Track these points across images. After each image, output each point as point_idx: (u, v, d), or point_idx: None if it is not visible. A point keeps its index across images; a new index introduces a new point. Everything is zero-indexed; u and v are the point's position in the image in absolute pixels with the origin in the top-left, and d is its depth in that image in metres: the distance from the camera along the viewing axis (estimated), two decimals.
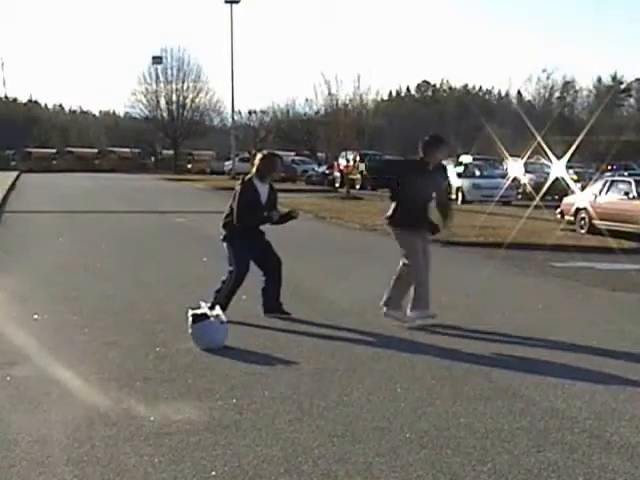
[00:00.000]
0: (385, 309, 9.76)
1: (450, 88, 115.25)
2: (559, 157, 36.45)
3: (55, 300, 10.87)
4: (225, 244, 9.85)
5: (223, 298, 9.53)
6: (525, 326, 9.83)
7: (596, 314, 10.94)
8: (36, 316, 9.70)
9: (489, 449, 5.59)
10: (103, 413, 6.23)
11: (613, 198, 22.13)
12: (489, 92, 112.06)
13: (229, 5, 59.36)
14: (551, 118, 60.66)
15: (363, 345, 8.65)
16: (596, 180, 26.12)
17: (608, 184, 22.89)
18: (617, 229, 20.85)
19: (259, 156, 10.06)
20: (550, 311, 10.96)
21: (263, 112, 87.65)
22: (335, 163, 47.48)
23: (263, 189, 9.83)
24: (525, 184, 38.05)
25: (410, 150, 49.52)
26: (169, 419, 6.11)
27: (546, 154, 38.09)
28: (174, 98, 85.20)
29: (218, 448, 5.52)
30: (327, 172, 51.57)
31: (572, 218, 22.95)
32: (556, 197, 30.46)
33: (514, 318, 10.37)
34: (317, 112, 59.51)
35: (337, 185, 47.04)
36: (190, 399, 6.64)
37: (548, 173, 36.92)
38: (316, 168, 57.76)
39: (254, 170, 9.87)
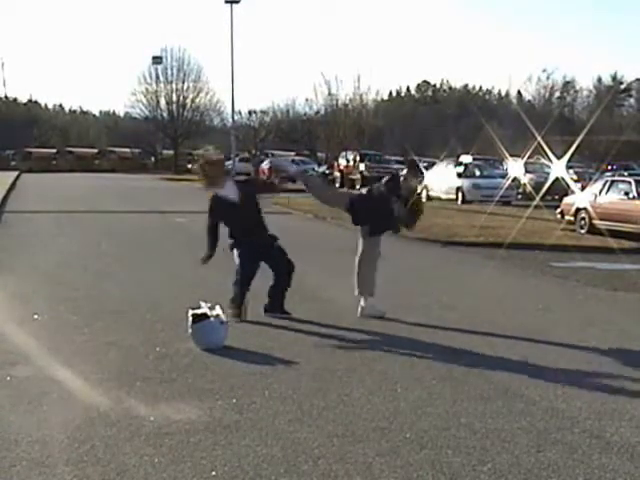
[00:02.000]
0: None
1: (450, 88, 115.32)
2: (559, 157, 36.44)
3: (55, 300, 10.86)
4: (233, 252, 9.91)
5: (238, 296, 9.62)
6: (525, 326, 9.84)
7: (596, 314, 10.94)
8: (36, 316, 9.71)
9: (489, 449, 5.60)
10: (103, 413, 6.24)
11: (613, 198, 22.14)
12: (489, 92, 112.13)
13: (229, 5, 59.32)
14: (551, 118, 60.54)
15: (363, 345, 8.65)
16: (596, 180, 26.12)
17: (608, 184, 22.90)
18: (617, 229, 20.86)
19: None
20: (550, 311, 10.97)
21: (263, 112, 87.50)
22: (335, 163, 47.48)
23: (229, 191, 9.92)
24: (525, 184, 38.07)
25: (410, 149, 49.62)
26: (169, 419, 6.11)
27: (546, 154, 38.07)
28: (174, 98, 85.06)
29: (218, 448, 5.53)
30: (327, 172, 51.59)
31: (572, 218, 22.96)
32: (556, 197, 30.47)
33: (514, 318, 10.37)
34: (317, 112, 59.51)
35: (337, 185, 47.06)
36: (190, 399, 6.64)
37: (548, 173, 36.94)
38: (316, 168, 57.71)
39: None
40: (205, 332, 8.35)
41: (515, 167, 40.09)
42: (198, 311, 8.51)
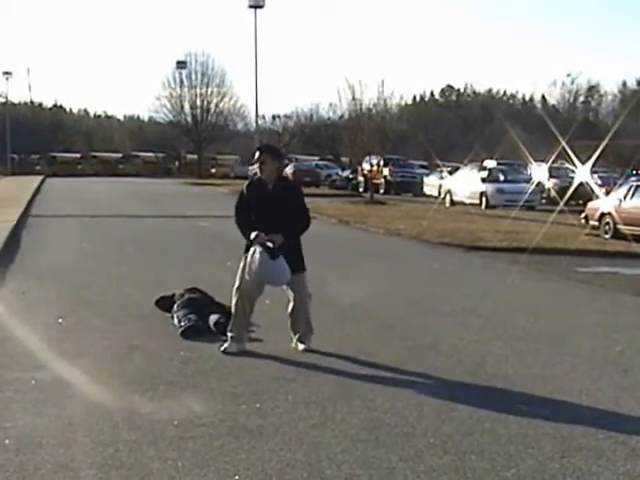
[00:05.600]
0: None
1: (474, 92, 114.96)
2: (583, 162, 36.28)
3: (79, 304, 10.92)
4: None
5: None
6: (549, 331, 9.80)
7: (621, 319, 10.87)
8: (61, 320, 9.76)
9: (513, 454, 5.57)
10: (127, 417, 6.26)
11: (638, 203, 21.99)
12: (513, 96, 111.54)
13: (253, 10, 59.55)
14: (576, 122, 60.26)
15: (386, 349, 8.63)
16: (621, 185, 25.96)
17: (633, 189, 22.75)
18: None
19: None
20: (574, 316, 10.91)
21: (287, 117, 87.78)
22: (359, 168, 47.46)
23: None
24: (549, 189, 37.92)
25: (434, 154, 49.53)
26: (193, 423, 6.12)
27: (570, 159, 37.93)
28: (198, 103, 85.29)
29: (241, 452, 5.53)
30: (351, 177, 51.61)
31: (596, 223, 22.84)
32: (580, 202, 30.32)
33: (538, 323, 10.33)
34: (341, 117, 59.37)
35: (361, 190, 47.05)
36: (214, 403, 6.65)
37: (572, 178, 36.78)
38: (340, 172, 57.72)
39: None
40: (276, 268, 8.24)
41: (539, 172, 39.93)
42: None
